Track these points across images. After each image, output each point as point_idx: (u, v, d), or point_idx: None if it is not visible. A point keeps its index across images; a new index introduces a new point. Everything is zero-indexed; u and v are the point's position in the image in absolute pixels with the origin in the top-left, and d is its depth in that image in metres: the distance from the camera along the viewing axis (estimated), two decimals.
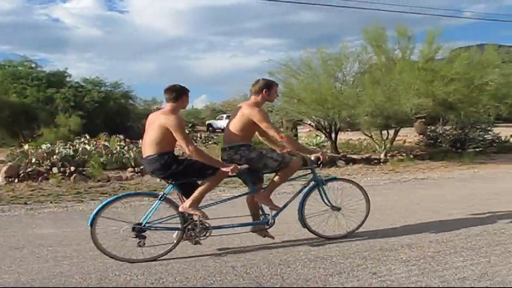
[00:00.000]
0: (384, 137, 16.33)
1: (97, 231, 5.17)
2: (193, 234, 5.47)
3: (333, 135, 17.19)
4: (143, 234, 5.29)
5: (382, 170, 13.55)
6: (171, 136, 5.28)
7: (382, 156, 15.51)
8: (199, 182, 5.53)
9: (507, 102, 18.46)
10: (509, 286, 4.36)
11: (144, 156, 5.49)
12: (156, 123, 5.37)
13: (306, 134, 22.09)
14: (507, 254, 5.32)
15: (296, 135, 19.49)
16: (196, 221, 5.44)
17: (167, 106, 5.50)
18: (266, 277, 4.72)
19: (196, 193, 5.41)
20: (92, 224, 5.11)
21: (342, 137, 21.10)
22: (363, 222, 6.34)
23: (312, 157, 5.99)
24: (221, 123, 43.66)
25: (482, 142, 17.60)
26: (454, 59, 15.69)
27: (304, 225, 6.03)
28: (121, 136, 18.51)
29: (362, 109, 14.89)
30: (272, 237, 5.86)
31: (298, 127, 21.90)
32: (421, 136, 18.21)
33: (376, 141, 16.56)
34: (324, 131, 17.51)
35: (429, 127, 18.81)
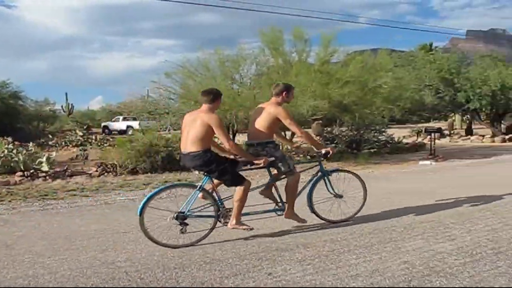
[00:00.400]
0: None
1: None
2: (225, 220, 6.13)
3: (231, 137, 17.06)
4: (185, 221, 5.86)
5: None
6: (212, 133, 5.91)
7: None
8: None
9: (400, 104, 19.28)
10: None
11: (185, 152, 6.02)
12: (198, 121, 5.93)
13: None
14: (397, 251, 5.45)
15: None
16: (228, 208, 6.15)
17: (205, 106, 6.10)
18: (160, 282, 4.64)
19: (235, 205, 6.04)
20: (141, 213, 5.63)
21: (241, 138, 21.00)
22: (361, 208, 7.21)
23: (323, 151, 6.81)
24: (118, 125, 42.35)
25: (377, 143, 18.20)
26: (349, 63, 16.10)
27: (312, 210, 6.86)
28: (10, 139, 17.42)
29: None
30: (304, 221, 6.68)
31: None
32: (318, 137, 18.49)
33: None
34: None
35: (326, 128, 19.17)
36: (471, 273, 4.68)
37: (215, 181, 6.18)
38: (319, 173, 6.95)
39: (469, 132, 28.69)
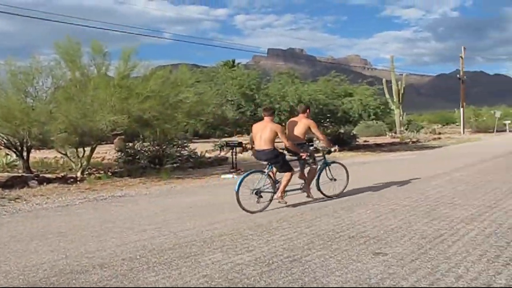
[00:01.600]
0: (81, 155, 15.53)
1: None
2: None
3: (24, 154, 15.68)
4: (261, 195, 8.92)
5: (79, 189, 12.84)
6: (276, 136, 9.03)
7: (79, 174, 14.74)
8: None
9: (202, 119, 19.40)
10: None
11: (260, 149, 9.14)
12: (268, 128, 9.05)
13: None
14: (197, 265, 5.46)
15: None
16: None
17: (267, 118, 9.26)
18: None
19: (283, 183, 9.20)
20: (238, 191, 8.59)
21: (37, 155, 19.67)
22: (345, 188, 10.65)
23: (333, 149, 10.56)
24: None
25: (179, 158, 18.10)
26: (150, 77, 15.83)
27: (318, 188, 10.14)
28: None
29: (55, 126, 13.93)
30: (312, 197, 10.02)
31: None
32: (120, 153, 17.88)
33: (73, 159, 15.67)
34: (14, 150, 15.86)
35: (128, 144, 18.64)
36: (268, 281, 4.82)
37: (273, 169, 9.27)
38: (323, 164, 10.38)
39: None
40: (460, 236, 6.51)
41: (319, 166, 10.12)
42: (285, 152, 9.62)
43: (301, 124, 9.85)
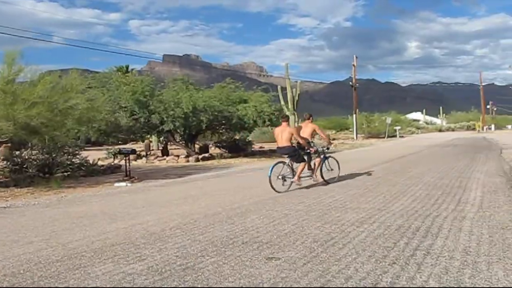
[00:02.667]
0: None
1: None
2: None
3: None
4: (285, 179, 12.28)
5: None
6: (292, 136, 12.50)
7: None
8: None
9: (95, 126, 18.82)
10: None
11: (281, 146, 12.60)
12: (286, 130, 12.55)
13: None
14: (86, 277, 5.27)
15: None
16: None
17: (285, 123, 12.96)
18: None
19: (298, 170, 12.42)
20: (270, 176, 11.85)
21: None
22: (339, 175, 13.99)
23: (331, 146, 15.91)
24: None
25: (71, 166, 17.47)
26: (38, 83, 15.15)
27: (322, 176, 13.28)
28: None
29: None
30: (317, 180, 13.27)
31: None
32: (6, 162, 16.94)
33: None
34: None
35: (15, 152, 17.70)
36: None
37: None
38: (324, 158, 13.52)
39: (165, 152, 29.75)
40: (350, 239, 6.74)
41: (322, 160, 13.41)
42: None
43: (308, 127, 13.44)
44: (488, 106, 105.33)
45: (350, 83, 54.53)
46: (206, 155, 27.79)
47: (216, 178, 16.99)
